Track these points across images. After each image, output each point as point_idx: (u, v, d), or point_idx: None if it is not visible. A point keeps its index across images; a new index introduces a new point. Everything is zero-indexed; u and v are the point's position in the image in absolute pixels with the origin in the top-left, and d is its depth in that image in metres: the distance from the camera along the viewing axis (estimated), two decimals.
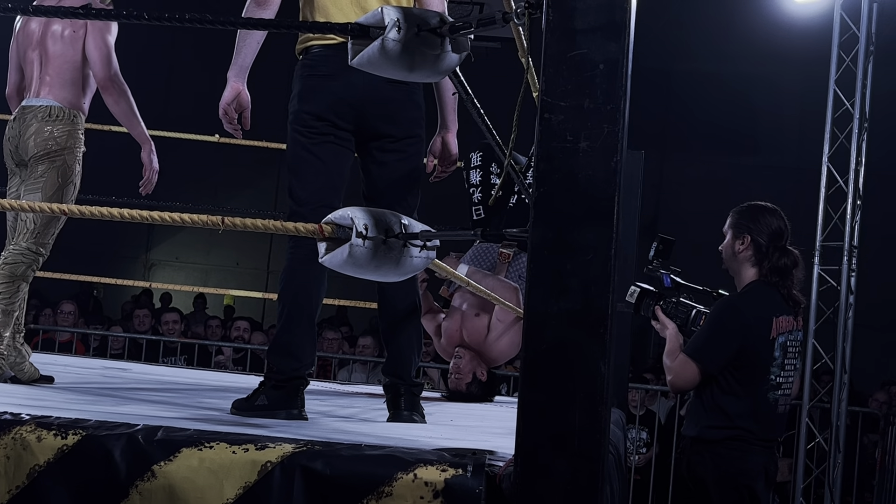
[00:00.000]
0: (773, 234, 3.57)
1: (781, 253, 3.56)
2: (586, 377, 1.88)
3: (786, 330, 3.55)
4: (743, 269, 3.62)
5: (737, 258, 3.62)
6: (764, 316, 3.52)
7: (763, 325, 3.51)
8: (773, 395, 3.55)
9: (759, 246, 3.56)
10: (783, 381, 3.57)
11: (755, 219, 3.59)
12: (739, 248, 3.60)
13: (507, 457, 2.04)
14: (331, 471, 2.05)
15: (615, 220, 1.88)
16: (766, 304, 3.54)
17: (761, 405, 3.53)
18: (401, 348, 3.27)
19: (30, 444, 2.10)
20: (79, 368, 4.64)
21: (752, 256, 3.58)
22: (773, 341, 3.51)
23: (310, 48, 3.16)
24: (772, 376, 3.53)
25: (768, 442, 3.60)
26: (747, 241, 3.58)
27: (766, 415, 3.55)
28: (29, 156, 3.74)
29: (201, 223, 2.37)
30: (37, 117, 3.76)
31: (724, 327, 3.53)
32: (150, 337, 7.98)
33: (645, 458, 7.23)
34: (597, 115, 1.90)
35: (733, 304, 3.61)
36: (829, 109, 7.24)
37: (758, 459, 3.56)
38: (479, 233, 2.42)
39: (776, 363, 3.53)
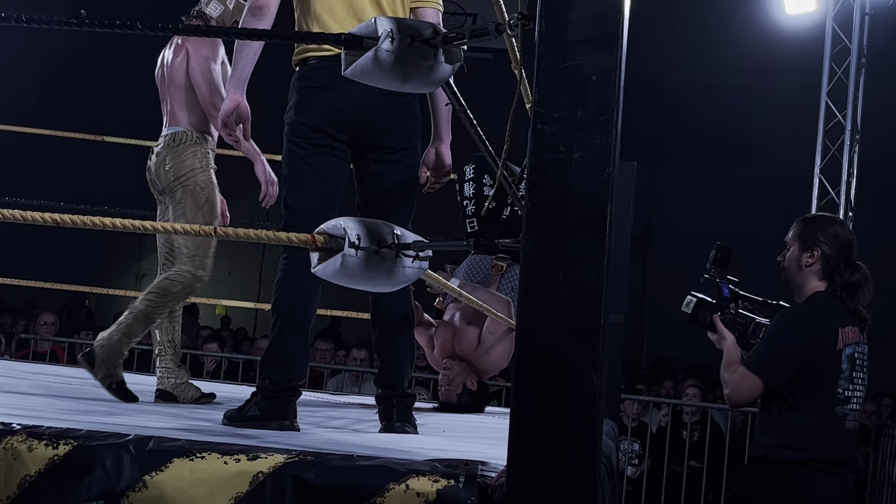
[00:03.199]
0: (843, 247, 3.41)
1: (853, 269, 3.41)
2: (578, 388, 1.88)
3: (853, 341, 3.38)
4: (808, 281, 3.44)
5: (802, 271, 3.45)
6: (829, 327, 3.35)
7: (829, 337, 3.34)
8: (841, 410, 3.35)
9: (828, 259, 3.40)
10: (852, 394, 3.38)
11: (825, 230, 3.43)
12: (808, 262, 3.43)
13: (500, 467, 2.04)
14: (322, 481, 2.04)
15: (608, 230, 1.88)
16: (830, 315, 3.38)
17: (829, 420, 3.35)
18: (393, 359, 3.26)
19: (21, 454, 2.10)
20: (70, 378, 4.62)
21: (820, 270, 3.42)
22: (839, 353, 3.34)
23: (306, 59, 3.16)
24: (840, 389, 3.34)
25: (837, 465, 3.39)
26: (817, 254, 3.42)
27: (834, 431, 3.36)
28: (163, 185, 3.92)
29: (194, 233, 2.37)
30: (166, 144, 3.93)
31: (788, 339, 3.37)
32: (143, 347, 7.96)
33: (637, 470, 7.23)
34: (589, 126, 1.91)
35: (797, 315, 3.45)
36: (821, 121, 7.27)
37: (823, 487, 3.36)
38: (471, 244, 2.42)
39: (843, 375, 3.35)
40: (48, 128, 6.50)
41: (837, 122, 7.23)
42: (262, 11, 3.14)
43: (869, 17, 7.23)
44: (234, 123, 3.21)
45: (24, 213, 2.40)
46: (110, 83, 12.85)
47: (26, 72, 12.39)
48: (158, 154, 3.94)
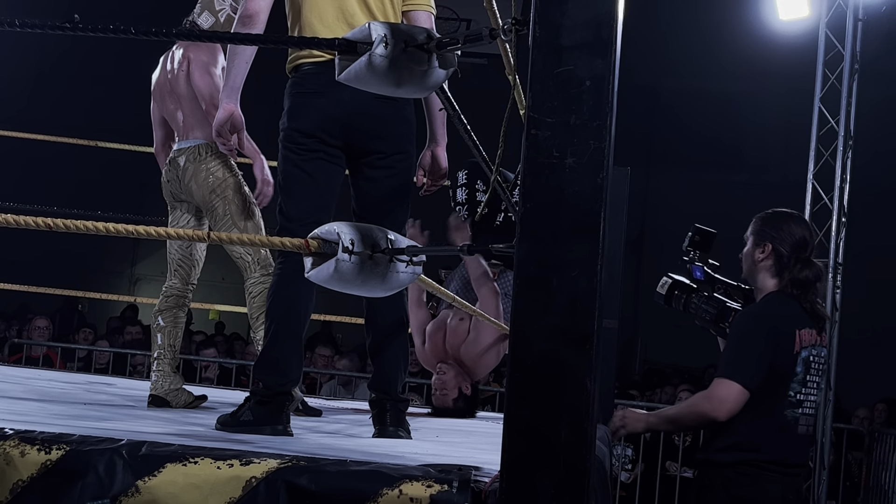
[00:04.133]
0: (797, 243, 3.34)
1: (804, 265, 3.33)
2: (572, 393, 1.88)
3: (809, 344, 3.31)
4: (762, 278, 3.38)
5: (756, 266, 3.39)
6: (788, 328, 3.28)
7: (788, 338, 3.27)
8: (791, 414, 3.28)
9: (781, 255, 3.34)
10: (804, 398, 3.31)
11: (778, 226, 3.37)
12: (759, 257, 3.37)
13: (493, 472, 2.04)
14: (316, 486, 2.04)
15: (601, 236, 1.88)
16: (787, 315, 3.31)
17: (779, 424, 3.28)
18: (387, 364, 3.26)
19: (13, 459, 2.09)
20: (63, 383, 4.61)
21: (773, 266, 3.35)
22: (796, 355, 3.27)
23: (299, 66, 3.17)
24: (791, 392, 3.27)
25: (786, 467, 3.30)
26: (768, 249, 3.35)
27: (784, 435, 3.29)
28: (197, 200, 3.96)
29: (187, 238, 2.37)
30: (189, 159, 3.96)
31: (756, 338, 3.27)
32: (135, 352, 7.96)
33: (631, 475, 7.23)
34: (583, 132, 1.91)
35: (757, 315, 3.37)
36: (815, 126, 7.28)
37: (773, 488, 3.27)
38: (465, 248, 2.42)
39: (797, 379, 3.28)
40: (40, 132, 6.49)
41: (830, 127, 7.24)
42: (252, 20, 3.15)
43: (862, 22, 7.24)
44: (227, 133, 3.22)
45: (16, 218, 2.40)
46: (102, 87, 12.84)
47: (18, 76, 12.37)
48: (185, 169, 3.96)
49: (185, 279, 4.05)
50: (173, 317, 3.99)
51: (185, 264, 4.03)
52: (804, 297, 3.33)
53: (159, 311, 4.00)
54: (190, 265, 4.04)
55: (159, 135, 4.25)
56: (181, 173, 3.98)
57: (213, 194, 3.91)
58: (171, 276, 4.04)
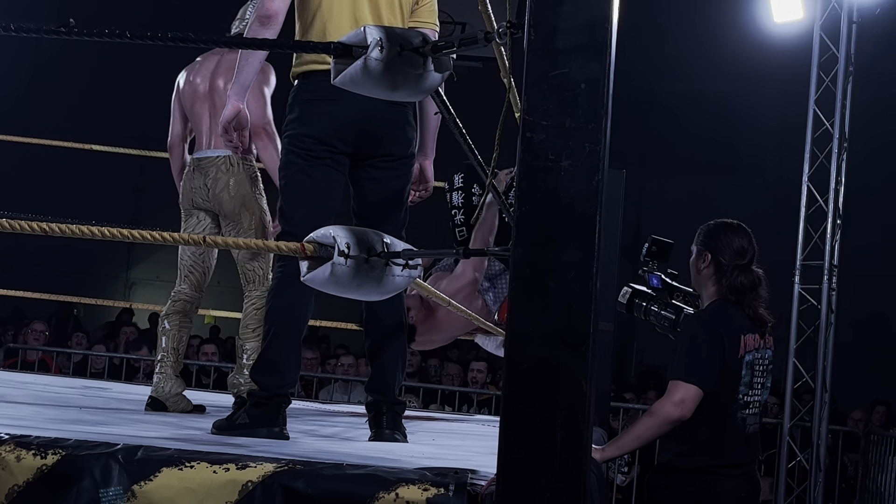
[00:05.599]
0: (735, 253, 3.51)
1: (741, 271, 3.50)
2: (568, 396, 1.88)
3: (753, 348, 3.49)
4: (705, 286, 3.57)
5: (699, 275, 3.58)
6: (732, 334, 3.45)
7: (733, 343, 3.45)
8: (741, 415, 3.46)
9: (720, 264, 3.51)
10: (751, 399, 3.49)
11: (717, 237, 3.55)
12: (701, 266, 3.55)
13: (489, 476, 2.04)
14: (312, 490, 2.04)
15: (597, 238, 1.89)
16: (733, 322, 3.48)
17: (730, 426, 3.45)
18: (385, 366, 3.26)
19: (9, 464, 2.09)
20: (59, 388, 4.61)
21: (713, 274, 3.52)
22: (741, 360, 3.44)
23: (307, 72, 3.17)
24: (739, 395, 3.45)
25: (738, 467, 3.49)
26: (707, 258, 3.53)
27: (735, 436, 3.47)
28: (226, 209, 3.97)
29: (182, 241, 2.37)
30: (220, 169, 3.97)
31: (704, 342, 3.45)
32: (130, 356, 7.95)
33: (626, 478, 7.23)
34: (578, 135, 1.91)
35: (703, 320, 3.55)
36: (809, 129, 7.29)
37: (727, 490, 3.46)
38: (461, 251, 2.43)
39: (744, 381, 3.45)
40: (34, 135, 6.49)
41: (825, 129, 7.25)
42: (271, 20, 3.15)
43: (856, 25, 7.25)
44: (233, 130, 3.24)
45: (11, 222, 2.40)
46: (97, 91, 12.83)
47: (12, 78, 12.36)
48: (217, 179, 3.96)
49: (196, 285, 4.04)
50: (179, 321, 3.99)
51: (197, 270, 4.03)
52: (745, 302, 3.50)
53: (166, 314, 4.00)
54: (202, 271, 4.04)
55: (177, 129, 4.24)
56: (210, 182, 3.97)
57: (243, 207, 3.94)
58: (181, 281, 4.03)
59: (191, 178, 4.05)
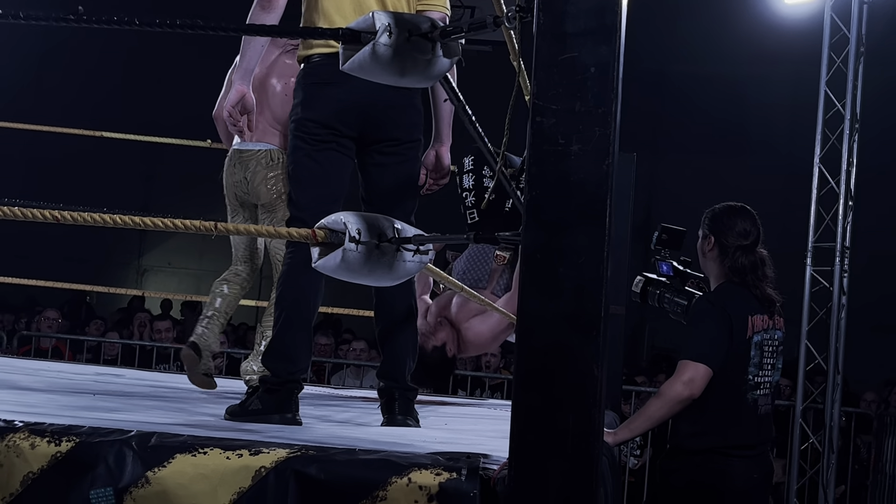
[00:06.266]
0: (739, 235, 3.56)
1: (743, 253, 3.54)
2: (580, 379, 1.88)
3: (761, 329, 3.52)
4: (711, 268, 3.63)
5: (705, 258, 3.63)
6: (740, 315, 3.49)
7: (741, 324, 3.48)
8: (751, 396, 3.50)
9: (724, 246, 3.56)
10: (761, 380, 3.52)
11: (720, 220, 3.60)
12: (706, 249, 3.61)
13: (502, 460, 2.04)
14: (325, 476, 2.05)
15: (607, 222, 1.89)
16: (739, 302, 3.52)
17: (740, 406, 3.49)
18: (396, 352, 3.26)
19: (23, 452, 2.10)
20: (72, 374, 4.63)
21: (718, 257, 3.58)
22: (748, 340, 3.48)
23: (312, 56, 3.16)
24: (749, 376, 3.49)
25: (750, 448, 3.53)
26: (711, 241, 3.59)
27: (746, 417, 3.50)
28: (262, 201, 4.05)
29: (194, 228, 2.37)
30: (260, 163, 4.04)
31: (712, 322, 3.49)
32: (143, 342, 7.98)
33: (639, 461, 7.24)
34: (588, 118, 1.91)
35: (712, 301, 3.59)
36: (820, 110, 7.26)
37: (739, 471, 3.49)
38: (472, 236, 2.43)
39: (753, 362, 3.49)
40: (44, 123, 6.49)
41: (837, 111, 7.22)
42: (272, 5, 3.15)
43: (867, 5, 7.20)
44: (238, 114, 3.24)
45: (24, 210, 2.41)
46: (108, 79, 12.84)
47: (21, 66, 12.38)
48: (256, 172, 4.03)
49: (253, 267, 4.27)
50: (237, 291, 4.24)
51: (250, 253, 4.23)
52: (750, 283, 3.55)
53: (226, 280, 4.23)
54: (255, 254, 4.25)
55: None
56: (249, 175, 4.05)
57: (279, 199, 3.99)
58: (237, 262, 4.25)
59: (232, 172, 4.12)
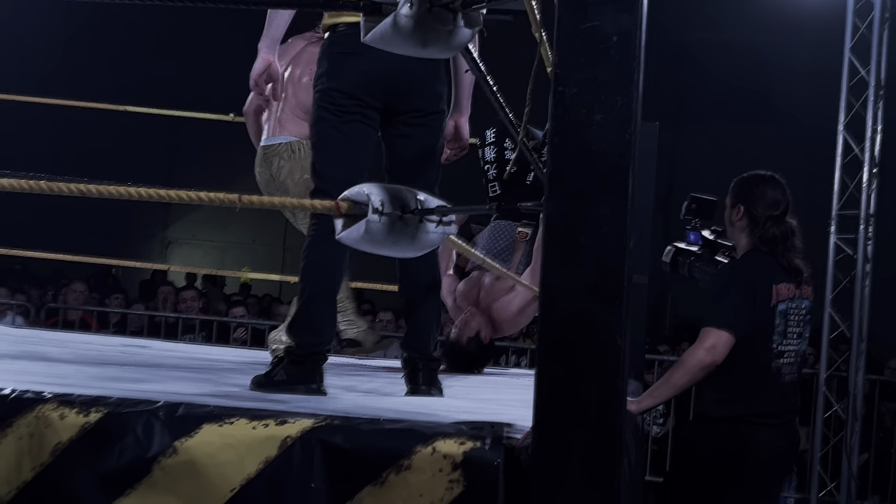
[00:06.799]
0: (768, 204, 3.56)
1: (773, 222, 3.55)
2: (602, 349, 1.89)
3: (786, 297, 3.52)
4: (739, 237, 3.63)
5: (733, 227, 3.64)
6: (765, 283, 3.49)
7: (765, 292, 3.48)
8: (776, 364, 3.51)
9: (753, 216, 3.57)
10: (786, 349, 3.53)
11: (750, 189, 3.60)
12: (734, 219, 3.61)
13: (526, 429, 2.05)
14: (350, 445, 2.07)
15: (630, 192, 1.89)
16: (764, 271, 3.52)
17: (765, 374, 3.49)
18: (420, 323, 3.27)
19: (52, 422, 2.13)
20: (99, 346, 4.67)
21: (747, 226, 3.58)
22: (773, 309, 3.48)
23: (338, 25, 3.15)
24: (773, 344, 3.49)
25: (775, 417, 3.54)
26: (741, 211, 3.59)
27: (770, 385, 3.51)
28: (292, 193, 4.05)
29: (218, 201, 2.39)
30: (282, 157, 4.05)
31: (735, 289, 3.50)
32: (168, 314, 8.04)
33: (662, 430, 7.25)
34: (610, 88, 1.91)
35: (736, 269, 3.61)
36: (845, 77, 7.20)
37: (763, 439, 3.51)
38: (494, 207, 2.43)
39: (777, 331, 3.49)
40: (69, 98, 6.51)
41: (861, 77, 7.16)
42: None
43: None
44: (263, 83, 3.24)
45: (49, 184, 2.43)
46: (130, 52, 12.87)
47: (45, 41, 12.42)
48: (280, 167, 4.05)
49: None
50: None
51: None
52: (779, 252, 3.55)
53: None
54: None
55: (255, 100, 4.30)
56: (275, 171, 4.06)
57: (307, 190, 3.99)
58: None
59: (261, 171, 4.14)
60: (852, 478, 6.95)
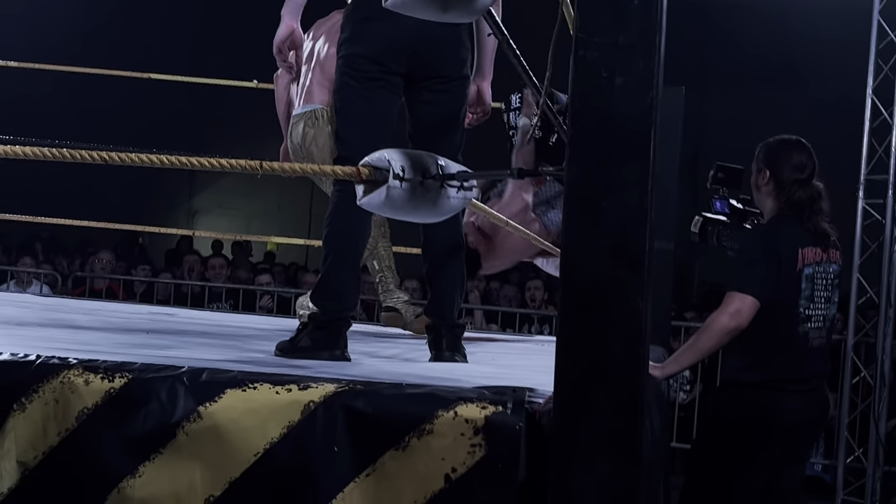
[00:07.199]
0: (794, 168, 3.54)
1: (799, 186, 3.53)
2: (624, 313, 1.89)
3: (813, 261, 3.50)
4: (765, 202, 3.62)
5: (760, 192, 3.63)
6: (790, 247, 3.48)
7: (790, 257, 3.47)
8: (802, 329, 3.49)
9: (780, 180, 3.55)
10: (813, 313, 3.51)
11: (776, 153, 3.58)
12: (761, 183, 3.60)
13: (548, 393, 2.06)
14: (373, 409, 2.07)
15: (651, 155, 1.88)
16: (790, 235, 3.51)
17: (791, 340, 3.48)
18: (443, 289, 3.28)
19: (78, 388, 2.15)
20: (125, 314, 4.70)
21: (773, 190, 3.57)
22: (799, 273, 3.47)
23: None
24: (800, 309, 3.48)
25: (803, 382, 3.52)
26: (767, 175, 3.58)
27: (797, 349, 3.49)
28: (316, 160, 4.06)
29: (240, 168, 2.40)
30: (307, 124, 4.09)
31: (759, 253, 3.49)
32: (195, 282, 8.08)
33: (689, 396, 7.24)
34: (632, 51, 1.89)
35: (761, 234, 3.61)
36: (873, 40, 7.11)
37: (791, 406, 3.49)
38: (514, 172, 2.43)
39: (804, 295, 3.48)
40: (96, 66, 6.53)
41: (890, 40, 7.07)
42: None
43: None
44: (287, 49, 3.23)
45: (73, 152, 2.44)
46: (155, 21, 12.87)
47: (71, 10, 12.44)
48: (305, 134, 4.08)
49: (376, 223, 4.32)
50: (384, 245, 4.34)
51: None
52: (806, 216, 3.53)
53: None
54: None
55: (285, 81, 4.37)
56: (298, 138, 4.10)
57: (332, 157, 4.01)
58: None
59: (291, 140, 4.18)
60: (880, 443, 6.92)
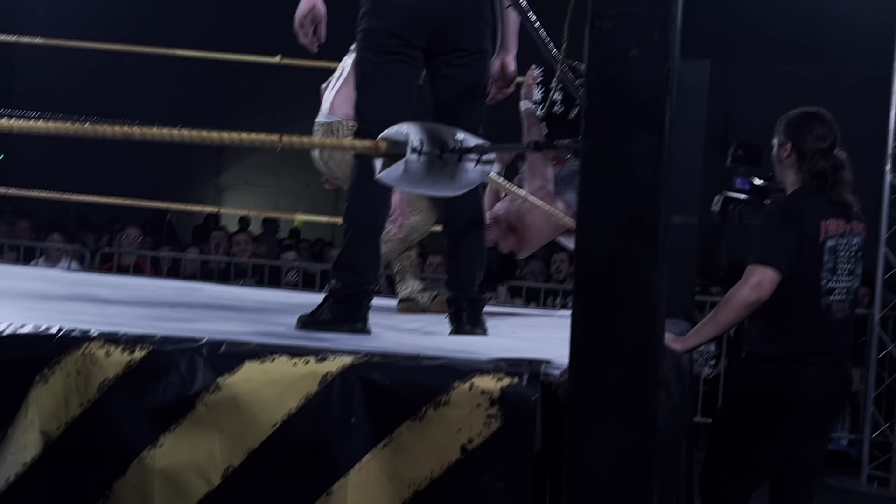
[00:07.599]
0: (816, 138, 3.54)
1: (821, 156, 3.52)
2: (639, 286, 1.89)
3: (836, 233, 3.49)
4: (788, 174, 3.61)
5: (782, 164, 3.62)
6: (812, 219, 3.48)
7: (812, 229, 3.47)
8: (825, 301, 3.48)
9: (801, 151, 3.55)
10: (836, 286, 3.50)
11: (798, 125, 3.58)
12: (783, 156, 3.60)
13: (564, 366, 2.06)
14: (389, 381, 2.09)
15: (665, 128, 1.88)
16: (812, 207, 3.50)
17: (814, 312, 3.47)
18: (464, 262, 3.29)
19: (99, 360, 2.17)
20: (151, 288, 4.73)
21: (796, 162, 3.56)
22: (821, 245, 3.46)
23: None
24: (823, 281, 3.47)
25: (826, 355, 3.51)
26: (788, 147, 3.57)
27: (819, 322, 3.48)
28: (337, 174, 4.18)
29: (259, 142, 2.41)
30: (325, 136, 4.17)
31: (783, 226, 3.49)
32: (221, 257, 8.12)
33: (714, 370, 7.23)
34: (647, 23, 1.89)
35: (785, 206, 3.58)
36: None
37: (813, 380, 3.48)
38: (531, 145, 2.43)
39: (826, 267, 3.47)
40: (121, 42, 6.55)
41: None
42: None
43: None
44: (309, 25, 3.23)
45: (97, 128, 2.46)
46: None
47: None
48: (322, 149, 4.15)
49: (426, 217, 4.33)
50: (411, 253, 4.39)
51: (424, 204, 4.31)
52: (828, 187, 3.52)
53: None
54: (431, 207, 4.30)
55: None
56: (319, 151, 4.17)
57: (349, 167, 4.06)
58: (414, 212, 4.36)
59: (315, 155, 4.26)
60: None
